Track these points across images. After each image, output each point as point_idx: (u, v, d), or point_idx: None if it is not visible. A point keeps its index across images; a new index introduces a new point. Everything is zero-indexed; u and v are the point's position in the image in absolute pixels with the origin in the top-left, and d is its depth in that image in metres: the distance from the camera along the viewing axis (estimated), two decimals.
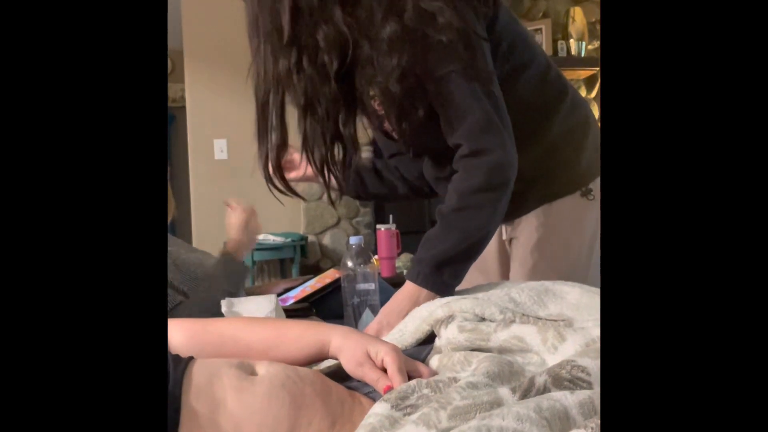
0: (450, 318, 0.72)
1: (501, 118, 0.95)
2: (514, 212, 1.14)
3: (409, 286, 0.95)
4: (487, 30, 0.98)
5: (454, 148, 0.96)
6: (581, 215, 1.12)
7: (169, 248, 1.26)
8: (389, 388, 0.60)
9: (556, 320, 0.71)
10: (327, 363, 0.73)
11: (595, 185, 1.13)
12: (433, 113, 0.96)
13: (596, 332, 0.64)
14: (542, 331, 0.65)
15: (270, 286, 1.53)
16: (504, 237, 1.21)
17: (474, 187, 0.94)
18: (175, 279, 1.20)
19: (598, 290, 0.78)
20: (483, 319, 0.72)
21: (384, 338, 0.82)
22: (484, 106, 0.93)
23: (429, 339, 0.75)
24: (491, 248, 1.22)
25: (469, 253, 0.96)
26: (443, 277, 0.94)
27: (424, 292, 0.94)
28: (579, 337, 0.63)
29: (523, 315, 0.72)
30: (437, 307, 0.76)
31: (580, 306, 0.73)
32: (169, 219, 1.36)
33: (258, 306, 1.08)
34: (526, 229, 1.15)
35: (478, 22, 0.96)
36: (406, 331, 0.77)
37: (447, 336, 0.70)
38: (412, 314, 0.82)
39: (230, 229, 1.35)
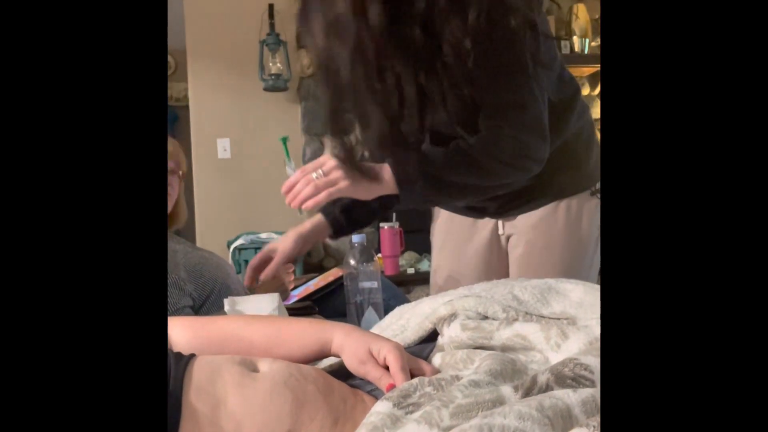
0: (453, 316, 0.72)
1: (546, 116, 0.94)
2: (521, 207, 1.14)
3: (387, 169, 0.93)
4: None
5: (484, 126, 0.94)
6: (590, 214, 1.13)
7: (175, 247, 1.26)
8: (392, 387, 0.60)
9: (559, 318, 0.71)
10: (330, 361, 0.73)
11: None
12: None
13: (599, 330, 0.63)
14: (545, 329, 0.65)
15: (277, 285, 1.53)
16: (500, 232, 1.20)
17: (500, 155, 0.93)
18: (180, 278, 1.20)
19: None
20: (486, 317, 0.72)
21: (382, 328, 0.82)
22: (536, 103, 0.92)
23: (431, 337, 0.75)
24: (484, 244, 1.22)
25: (457, 187, 0.95)
26: (418, 181, 0.92)
27: (389, 175, 0.93)
28: (582, 335, 0.63)
29: (526, 313, 0.72)
30: (440, 305, 0.75)
31: (584, 304, 0.72)
32: (181, 225, 1.37)
33: (260, 304, 1.08)
34: (534, 225, 1.15)
35: (539, 13, 0.95)
36: (408, 328, 0.77)
37: (450, 334, 0.70)
38: (413, 311, 0.81)
39: (267, 286, 1.43)
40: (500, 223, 1.19)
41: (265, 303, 1.08)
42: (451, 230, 1.27)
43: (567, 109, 1.09)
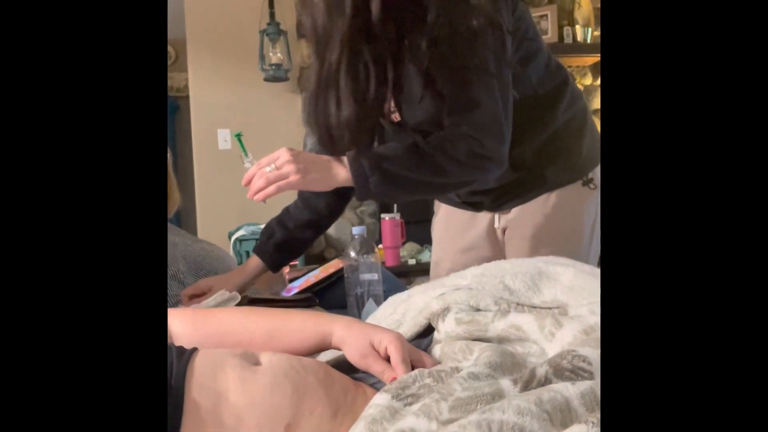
0: (446, 310, 0.71)
1: (506, 116, 0.94)
2: (514, 200, 1.14)
3: (343, 163, 0.95)
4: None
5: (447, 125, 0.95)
6: (583, 204, 1.13)
7: (174, 239, 1.26)
8: (395, 380, 0.60)
9: (550, 308, 0.71)
10: (333, 354, 0.73)
11: (595, 174, 1.13)
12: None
13: (593, 319, 0.63)
14: (539, 319, 0.65)
15: (274, 276, 1.53)
16: (496, 225, 1.20)
17: (455, 153, 0.93)
18: (179, 271, 1.20)
19: (592, 270, 0.78)
20: (478, 309, 0.72)
21: (377, 320, 0.82)
22: (495, 103, 0.92)
23: (429, 330, 0.75)
24: (481, 237, 1.22)
25: (412, 183, 0.95)
26: (372, 176, 0.93)
27: (343, 170, 0.94)
28: (576, 323, 0.63)
29: (518, 304, 0.72)
30: (432, 299, 0.75)
31: (574, 288, 0.72)
32: (175, 210, 1.37)
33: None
34: (527, 218, 1.15)
35: (508, 14, 0.94)
36: (404, 322, 0.77)
37: (445, 329, 0.69)
38: (408, 304, 0.81)
39: (266, 277, 1.42)
40: (496, 216, 1.19)
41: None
42: (450, 224, 1.28)
43: (555, 99, 1.09)
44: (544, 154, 1.09)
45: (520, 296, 0.73)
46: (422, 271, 2.96)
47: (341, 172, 0.95)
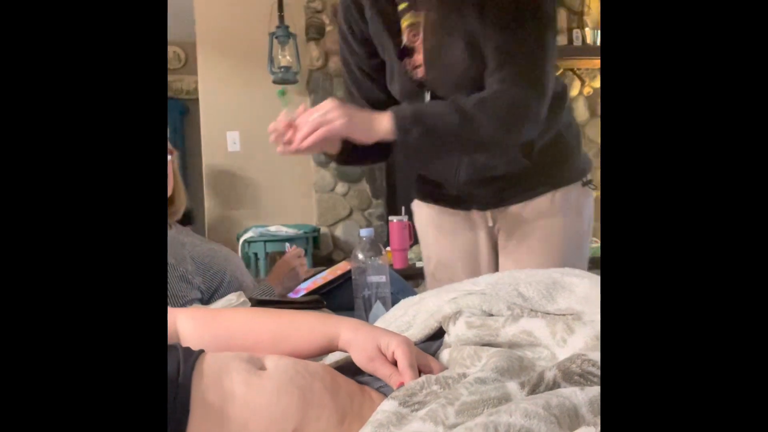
0: (458, 314, 0.71)
1: (552, 73, 0.98)
2: (516, 197, 1.14)
3: (386, 115, 0.97)
4: None
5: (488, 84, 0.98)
6: (582, 204, 1.15)
7: (183, 239, 1.26)
8: (402, 384, 0.60)
9: (564, 314, 0.70)
10: (338, 356, 0.72)
11: (593, 176, 1.16)
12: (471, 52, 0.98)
13: None
14: (551, 325, 0.64)
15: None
16: (490, 224, 1.20)
17: (496, 110, 0.96)
18: (188, 271, 1.20)
19: None
20: (491, 314, 0.71)
21: (387, 322, 0.81)
22: (546, 59, 0.96)
23: (439, 333, 0.74)
24: (478, 237, 1.22)
25: (449, 139, 0.98)
26: (413, 128, 0.95)
27: (386, 121, 0.96)
28: (588, 329, 0.62)
29: (531, 310, 0.71)
30: (444, 302, 0.75)
31: (590, 298, 0.71)
32: (182, 212, 1.37)
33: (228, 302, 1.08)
34: (529, 217, 1.15)
35: None
36: (414, 325, 0.77)
37: (456, 332, 0.69)
38: (418, 307, 0.81)
39: (278, 273, 1.44)
40: (488, 215, 1.19)
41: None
42: (442, 225, 1.27)
43: (559, 102, 1.11)
44: (548, 153, 1.11)
45: (533, 303, 0.73)
46: None
47: (384, 123, 0.97)
